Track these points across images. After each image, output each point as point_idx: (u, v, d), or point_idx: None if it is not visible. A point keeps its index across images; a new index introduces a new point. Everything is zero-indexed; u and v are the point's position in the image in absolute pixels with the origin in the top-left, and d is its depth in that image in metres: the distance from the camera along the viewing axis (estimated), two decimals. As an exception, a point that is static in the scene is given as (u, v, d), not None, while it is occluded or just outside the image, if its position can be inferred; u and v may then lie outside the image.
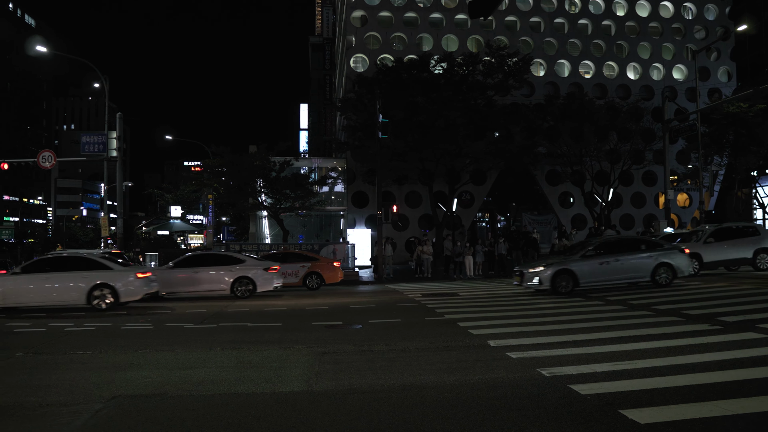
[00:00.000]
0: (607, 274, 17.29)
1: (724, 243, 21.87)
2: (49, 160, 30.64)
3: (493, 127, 38.53)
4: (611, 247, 18.07)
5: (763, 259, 21.63)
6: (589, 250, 17.81)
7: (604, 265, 17.27)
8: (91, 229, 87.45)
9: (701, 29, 52.86)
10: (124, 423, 5.98)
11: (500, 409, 6.02)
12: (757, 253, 21.65)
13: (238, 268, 19.98)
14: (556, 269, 17.10)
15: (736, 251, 21.82)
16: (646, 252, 17.77)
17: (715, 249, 21.71)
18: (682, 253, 18.05)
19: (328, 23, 79.44)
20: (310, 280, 23.63)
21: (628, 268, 17.44)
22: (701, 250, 21.51)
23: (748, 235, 22.14)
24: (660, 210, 46.86)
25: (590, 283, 17.32)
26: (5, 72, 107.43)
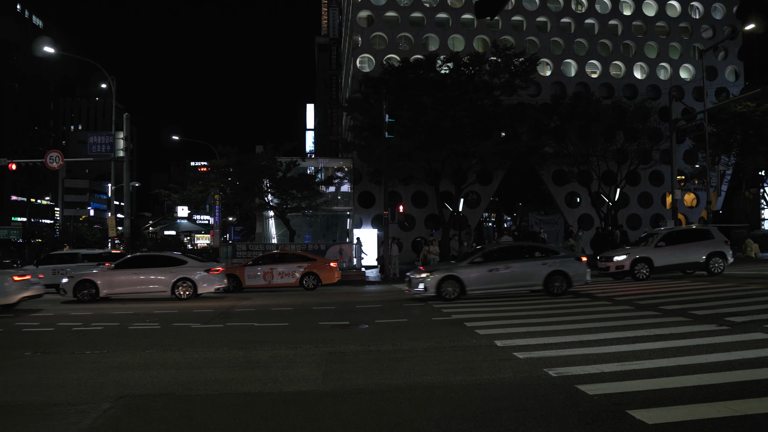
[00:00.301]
0: (497, 282, 16.97)
1: (676, 247, 21.47)
2: (57, 161, 30.77)
3: (500, 127, 38.45)
4: (502, 253, 17.70)
5: (716, 263, 21.24)
6: (476, 257, 17.57)
7: (494, 272, 16.95)
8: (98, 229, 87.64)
9: (708, 28, 52.66)
10: (132, 422, 6.01)
11: (507, 409, 6.02)
12: (711, 257, 21.29)
13: (179, 269, 20.07)
14: (442, 276, 16.81)
15: (688, 255, 21.46)
16: (539, 259, 17.29)
17: (666, 253, 21.31)
18: (578, 261, 17.64)
19: (334, 23, 79.56)
20: (306, 280, 23.70)
21: (519, 276, 17.05)
22: (651, 254, 21.20)
23: (702, 239, 21.79)
24: (667, 210, 46.68)
25: (478, 290, 16.97)
26: (13, 73, 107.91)
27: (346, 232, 46.21)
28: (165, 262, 20.56)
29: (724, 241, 21.78)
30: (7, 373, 8.52)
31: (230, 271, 24.14)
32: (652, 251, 21.28)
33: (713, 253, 21.32)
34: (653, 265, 21.09)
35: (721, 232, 22.71)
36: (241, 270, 23.99)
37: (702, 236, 21.93)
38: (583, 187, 44.57)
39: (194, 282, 19.88)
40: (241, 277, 23.79)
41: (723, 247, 21.55)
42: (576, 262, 17.55)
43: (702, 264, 21.39)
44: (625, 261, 21.24)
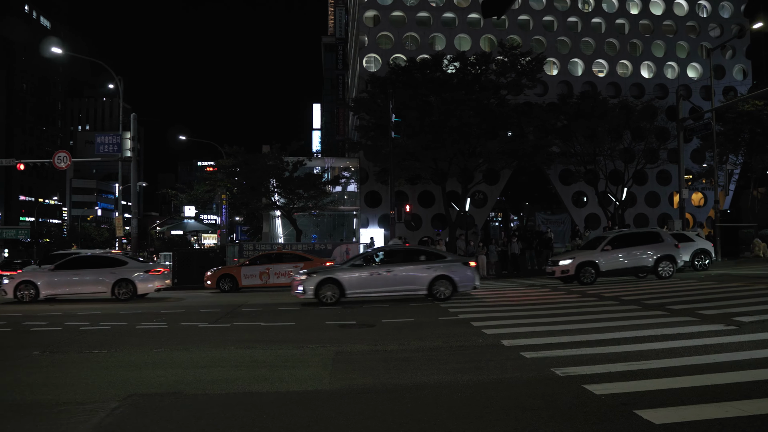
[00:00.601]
0: (379, 285, 16.67)
1: (623, 250, 21.01)
2: (65, 161, 30.89)
3: (506, 127, 38.40)
4: (385, 257, 17.47)
5: (665, 267, 20.83)
6: (357, 260, 17.40)
7: (375, 275, 16.63)
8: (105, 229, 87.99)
9: (716, 27, 52.47)
10: (140, 421, 6.02)
11: (514, 408, 6.01)
12: (659, 261, 20.84)
13: (119, 270, 20.16)
14: (321, 278, 16.56)
15: (636, 259, 21.01)
16: (424, 263, 16.97)
17: (613, 257, 20.86)
18: (464, 266, 17.23)
19: (340, 23, 79.56)
20: None
21: (401, 280, 16.70)
22: (598, 258, 20.75)
23: (651, 242, 21.31)
24: (675, 209, 46.55)
25: (358, 294, 16.72)
26: (21, 73, 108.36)
27: (352, 232, 46.24)
28: (106, 263, 20.64)
29: (674, 244, 21.32)
30: (15, 372, 8.56)
31: (227, 270, 24.39)
32: (599, 255, 20.80)
33: (662, 257, 20.86)
34: (599, 269, 20.62)
35: (672, 236, 22.25)
36: (238, 270, 24.12)
37: (651, 239, 21.42)
38: (590, 187, 44.49)
39: (134, 283, 20.01)
40: (238, 277, 23.93)
41: (673, 251, 21.10)
42: (462, 267, 17.17)
43: (650, 268, 20.88)
44: (570, 265, 20.75)
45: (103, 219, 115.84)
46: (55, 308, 17.79)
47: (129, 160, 30.65)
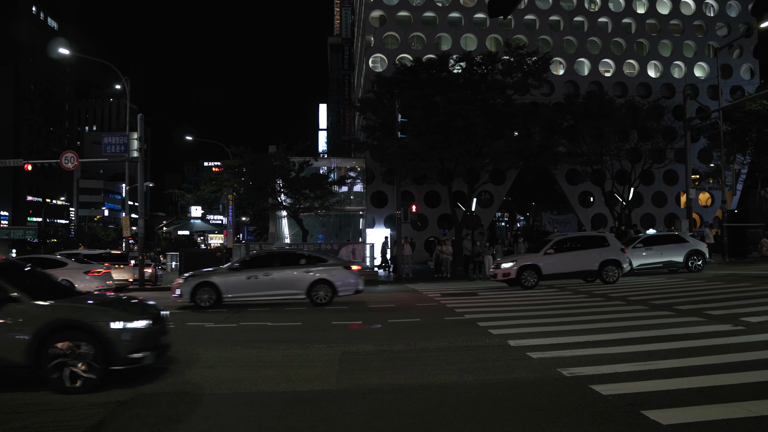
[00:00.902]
0: (256, 289, 16.50)
1: (567, 254, 20.67)
2: (72, 161, 30.99)
3: (513, 127, 38.30)
4: (264, 260, 17.23)
5: (610, 272, 20.37)
6: (235, 263, 17.28)
7: (252, 279, 16.48)
8: (112, 229, 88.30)
9: (723, 26, 52.28)
10: (146, 420, 6.05)
11: (520, 409, 6.01)
12: (604, 265, 20.37)
13: (58, 272, 20.04)
14: (197, 282, 16.44)
15: (580, 263, 20.58)
16: (303, 267, 16.78)
17: (556, 260, 20.50)
18: (346, 270, 17.04)
19: (346, 23, 79.63)
20: None
21: (279, 284, 16.52)
22: (540, 261, 20.38)
23: (596, 246, 20.87)
24: (682, 209, 46.43)
25: (236, 298, 16.52)
26: (29, 74, 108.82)
27: (358, 232, 46.25)
28: (45, 265, 20.48)
29: (620, 248, 20.94)
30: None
31: None
32: (541, 258, 20.49)
33: (607, 261, 20.43)
34: (541, 272, 20.26)
35: (618, 240, 21.82)
36: None
37: (597, 243, 21.01)
38: (596, 187, 44.40)
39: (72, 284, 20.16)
40: None
41: (618, 255, 20.65)
42: (343, 271, 16.99)
43: (595, 272, 20.50)
44: (512, 268, 20.39)
45: (110, 219, 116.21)
46: None
47: (136, 161, 30.73)
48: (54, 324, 7.22)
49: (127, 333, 7.33)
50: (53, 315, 7.38)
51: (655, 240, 24.45)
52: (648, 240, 24.38)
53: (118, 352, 7.20)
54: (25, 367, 7.16)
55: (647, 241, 24.16)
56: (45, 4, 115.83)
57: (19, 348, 7.13)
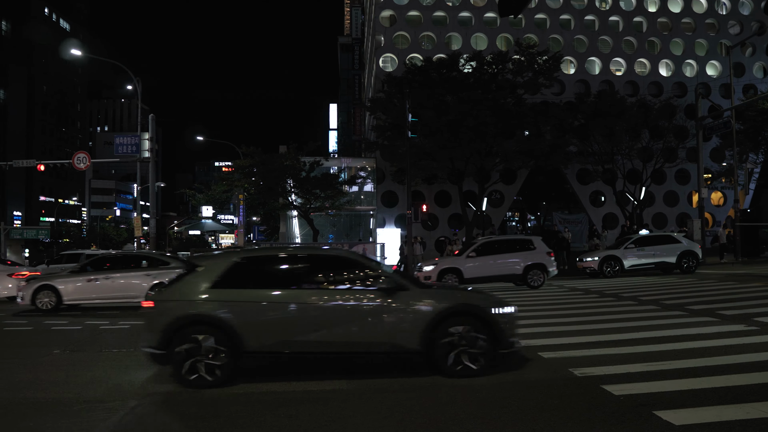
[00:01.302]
0: (96, 292, 16.36)
1: (491, 257, 20.28)
2: (84, 162, 31.20)
3: (523, 126, 38.25)
4: (105, 262, 17.13)
5: (535, 276, 20.01)
6: (77, 266, 17.18)
7: (93, 282, 16.39)
8: (124, 229, 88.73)
9: (736, 24, 51.92)
10: (159, 419, 6.08)
11: (531, 409, 6.00)
12: (529, 269, 20.01)
13: None
14: (38, 285, 16.39)
15: (504, 266, 20.22)
16: (145, 270, 16.54)
17: (478, 264, 20.10)
18: None
19: (356, 23, 79.69)
20: None
21: (118, 288, 16.34)
22: (462, 265, 20.08)
23: (522, 249, 20.51)
24: (693, 209, 46.12)
25: (76, 301, 16.44)
26: (41, 75, 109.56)
27: (369, 232, 46.27)
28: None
29: (546, 252, 20.51)
30: (37, 370, 8.66)
31: None
32: (463, 262, 20.19)
33: (532, 265, 20.05)
34: (463, 276, 19.88)
35: (545, 243, 21.46)
36: None
37: (523, 247, 20.67)
38: (607, 186, 44.21)
39: None
40: None
41: (544, 259, 20.23)
42: None
43: (520, 276, 20.12)
44: (433, 272, 20.07)
45: (122, 219, 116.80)
46: None
47: (147, 161, 30.88)
48: (450, 310, 7.49)
49: (505, 318, 7.68)
50: (450, 301, 7.66)
51: (647, 240, 24.18)
52: (640, 240, 24.14)
53: (503, 336, 7.51)
54: (418, 352, 7.39)
55: (640, 242, 23.90)
56: (57, 5, 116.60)
57: (414, 334, 7.34)
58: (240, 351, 7.17)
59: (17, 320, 14.77)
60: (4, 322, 14.49)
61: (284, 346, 7.28)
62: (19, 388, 7.55)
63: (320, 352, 7.39)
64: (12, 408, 6.60)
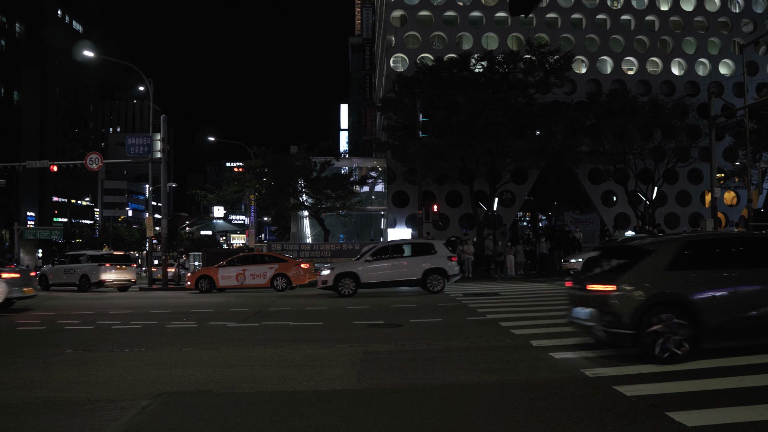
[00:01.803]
0: None
1: (389, 261, 20.21)
2: (96, 162, 31.39)
3: (535, 126, 38.16)
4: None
5: (435, 281, 19.88)
6: None
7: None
8: (136, 229, 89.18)
9: (749, 22, 51.55)
10: (170, 419, 6.09)
11: (543, 410, 5.97)
12: (428, 274, 19.86)
13: None
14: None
15: (402, 271, 20.05)
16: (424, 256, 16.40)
17: (376, 268, 20.06)
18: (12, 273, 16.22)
19: (367, 23, 79.68)
20: (277, 281, 23.94)
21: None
22: (359, 269, 20.05)
23: (422, 253, 20.31)
24: (706, 208, 45.83)
25: None
26: (54, 77, 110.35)
27: (380, 232, 46.29)
28: None
29: (447, 256, 20.29)
30: (49, 369, 8.71)
31: (205, 272, 24.80)
32: (360, 266, 20.06)
33: (432, 269, 19.87)
34: (359, 281, 19.84)
35: (447, 247, 21.17)
36: (215, 271, 24.55)
37: (422, 251, 20.43)
38: (619, 186, 44.01)
39: None
40: (215, 278, 24.31)
41: (444, 264, 20.04)
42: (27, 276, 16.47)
43: (419, 281, 19.94)
44: (329, 276, 19.94)
45: (134, 219, 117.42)
46: None
47: (159, 162, 31.04)
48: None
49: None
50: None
51: None
52: None
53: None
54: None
55: None
56: (70, 7, 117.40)
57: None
58: (701, 328, 7.72)
59: (29, 320, 14.87)
60: (17, 322, 14.59)
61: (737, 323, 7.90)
62: (31, 387, 7.59)
63: None
64: (25, 407, 6.64)
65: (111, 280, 27.39)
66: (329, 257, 30.55)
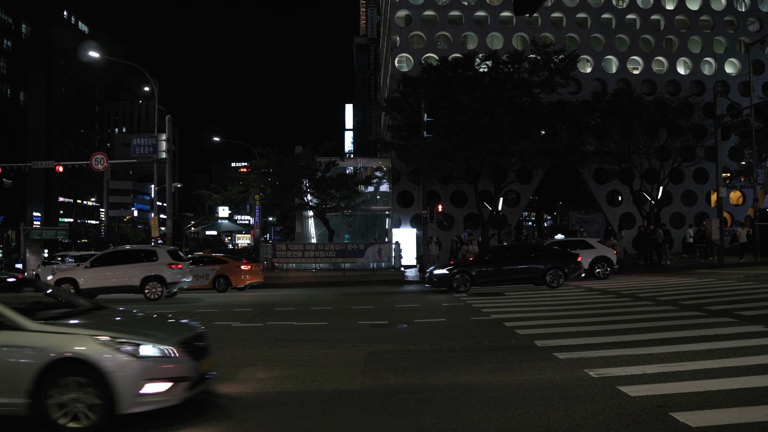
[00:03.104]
0: None
1: (111, 268, 20.05)
2: (102, 163, 31.48)
3: (539, 125, 38.09)
4: None
5: (153, 288, 19.69)
6: None
7: None
8: (141, 229, 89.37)
9: (755, 21, 51.35)
10: (174, 418, 6.11)
11: (547, 410, 5.97)
12: (146, 281, 19.74)
13: None
14: None
15: (122, 278, 19.90)
16: None
17: (96, 275, 19.85)
18: None
19: (372, 23, 79.73)
20: (218, 283, 24.15)
21: None
22: (79, 275, 19.85)
23: (142, 261, 20.20)
24: (712, 208, 45.66)
25: None
26: (60, 78, 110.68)
27: (385, 232, 46.26)
28: None
29: (167, 264, 20.12)
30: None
31: None
32: (80, 272, 19.93)
33: (151, 276, 19.82)
34: (79, 287, 19.47)
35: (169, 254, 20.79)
36: None
37: (144, 258, 20.38)
38: (624, 186, 43.88)
39: None
40: None
41: (163, 271, 19.96)
42: None
43: (137, 288, 19.82)
44: (51, 281, 19.75)
45: (139, 220, 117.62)
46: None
47: (164, 162, 31.11)
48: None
49: None
50: None
51: (560, 245, 23.67)
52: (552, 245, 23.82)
53: None
54: None
55: None
56: (76, 9, 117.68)
57: None
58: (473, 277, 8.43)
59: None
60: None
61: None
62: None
63: None
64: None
65: None
66: (334, 257, 30.59)
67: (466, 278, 19.46)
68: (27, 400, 5.68)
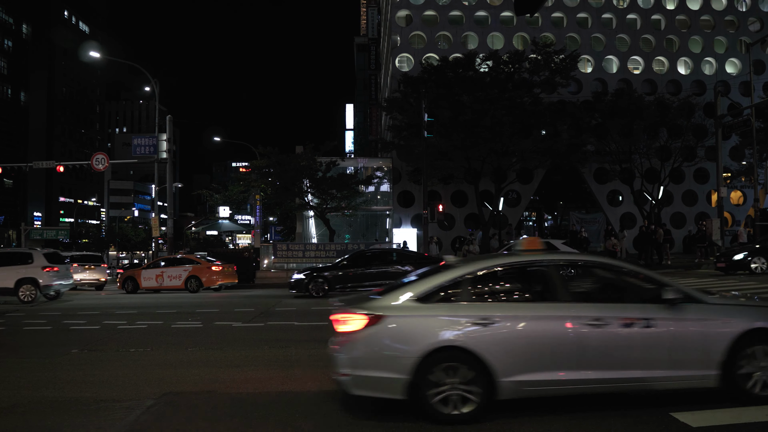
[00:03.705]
0: None
1: None
2: (102, 163, 31.51)
3: (540, 125, 38.09)
4: None
5: (27, 290, 19.85)
6: None
7: None
8: (142, 229, 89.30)
9: (756, 21, 51.33)
10: (175, 419, 6.11)
11: (546, 411, 5.96)
12: (20, 284, 19.84)
13: None
14: None
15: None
16: None
17: None
18: None
19: (373, 23, 79.76)
20: (189, 283, 24.37)
21: None
22: None
23: (17, 263, 20.11)
24: (713, 208, 45.67)
25: None
26: (61, 78, 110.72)
27: (385, 232, 46.30)
28: None
29: (41, 267, 20.07)
30: (55, 369, 8.75)
31: (130, 273, 25.41)
32: None
33: (24, 279, 19.83)
34: None
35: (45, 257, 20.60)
36: (139, 273, 25.12)
37: (19, 260, 20.27)
38: (625, 185, 43.88)
39: None
40: (139, 280, 24.87)
41: (37, 274, 19.97)
42: None
43: (12, 290, 19.84)
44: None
45: (140, 220, 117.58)
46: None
47: (165, 162, 31.14)
48: None
49: None
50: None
51: None
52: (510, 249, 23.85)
53: None
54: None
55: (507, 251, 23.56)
56: (77, 9, 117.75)
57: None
58: None
59: (36, 320, 14.93)
60: (23, 321, 14.66)
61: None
62: (38, 386, 7.63)
63: None
64: (31, 406, 6.68)
65: (79, 280, 27.82)
66: (334, 257, 30.56)
67: (320, 282, 19.83)
68: None
